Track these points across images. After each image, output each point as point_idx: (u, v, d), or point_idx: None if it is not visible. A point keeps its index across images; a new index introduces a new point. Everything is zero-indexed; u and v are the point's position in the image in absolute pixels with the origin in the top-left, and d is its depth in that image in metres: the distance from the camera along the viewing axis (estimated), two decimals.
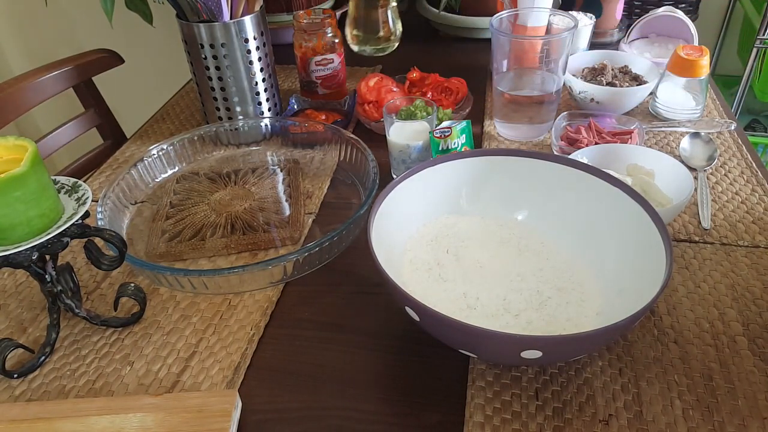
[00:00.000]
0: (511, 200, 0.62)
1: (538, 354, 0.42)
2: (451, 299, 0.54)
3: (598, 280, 0.55)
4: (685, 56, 0.80)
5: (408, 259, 0.58)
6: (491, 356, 0.49)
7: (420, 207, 0.61)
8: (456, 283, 0.56)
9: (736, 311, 0.55)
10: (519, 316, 0.52)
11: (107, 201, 0.68)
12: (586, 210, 0.58)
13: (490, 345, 0.45)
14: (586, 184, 0.57)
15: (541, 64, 0.77)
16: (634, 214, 0.52)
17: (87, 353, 0.55)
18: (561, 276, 0.56)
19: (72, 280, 0.57)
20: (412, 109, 0.74)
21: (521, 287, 0.55)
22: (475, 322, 0.45)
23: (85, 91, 1.02)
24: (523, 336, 0.42)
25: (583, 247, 0.58)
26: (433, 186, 0.61)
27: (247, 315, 0.58)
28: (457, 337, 0.46)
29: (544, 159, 0.60)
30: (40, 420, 0.47)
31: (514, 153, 0.61)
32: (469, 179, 0.62)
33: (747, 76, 1.47)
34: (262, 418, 0.49)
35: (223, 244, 0.66)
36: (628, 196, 0.54)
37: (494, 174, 0.62)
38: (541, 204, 0.61)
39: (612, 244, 0.55)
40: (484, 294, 0.54)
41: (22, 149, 0.48)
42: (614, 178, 0.56)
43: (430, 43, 1.19)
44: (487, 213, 0.63)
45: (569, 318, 0.51)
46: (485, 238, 0.61)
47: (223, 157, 0.83)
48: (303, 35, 0.88)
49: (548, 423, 0.46)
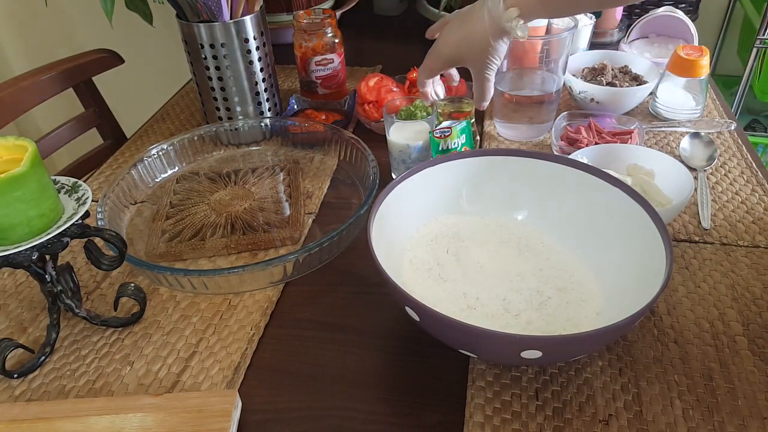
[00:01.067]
0: (511, 200, 0.62)
1: (538, 354, 0.42)
2: (451, 299, 0.54)
3: (598, 281, 0.55)
4: (685, 56, 0.80)
5: (408, 259, 0.58)
6: (491, 356, 0.49)
7: (420, 207, 0.61)
8: (456, 283, 0.55)
9: (736, 311, 0.55)
10: (519, 316, 0.52)
11: (107, 201, 0.68)
12: (586, 210, 0.58)
13: (490, 345, 0.45)
14: (586, 184, 0.57)
15: (541, 64, 0.77)
16: (635, 214, 0.52)
17: (87, 353, 0.55)
18: (561, 276, 0.56)
19: (72, 280, 0.57)
20: (412, 109, 0.74)
21: (521, 287, 0.55)
22: (475, 322, 0.45)
23: (85, 91, 1.02)
24: (523, 336, 0.42)
25: (583, 247, 0.58)
26: (432, 186, 0.61)
27: (247, 315, 0.58)
28: (458, 337, 0.46)
29: (544, 159, 0.60)
30: (40, 420, 0.47)
31: (514, 153, 0.61)
32: (469, 179, 0.62)
33: (747, 76, 1.47)
34: (262, 418, 0.49)
35: (223, 244, 0.66)
36: (628, 196, 0.54)
37: (494, 174, 0.62)
38: (541, 204, 0.61)
39: (612, 244, 0.55)
40: (484, 294, 0.54)
41: (22, 149, 0.48)
42: (614, 178, 0.56)
43: (430, 43, 1.19)
44: (487, 213, 0.63)
45: (569, 318, 0.51)
46: (485, 238, 0.61)
47: (223, 157, 0.83)
48: (303, 35, 0.88)
49: (548, 423, 0.46)
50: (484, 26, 0.62)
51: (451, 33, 0.67)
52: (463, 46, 0.65)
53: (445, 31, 0.68)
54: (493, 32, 0.61)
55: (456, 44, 0.66)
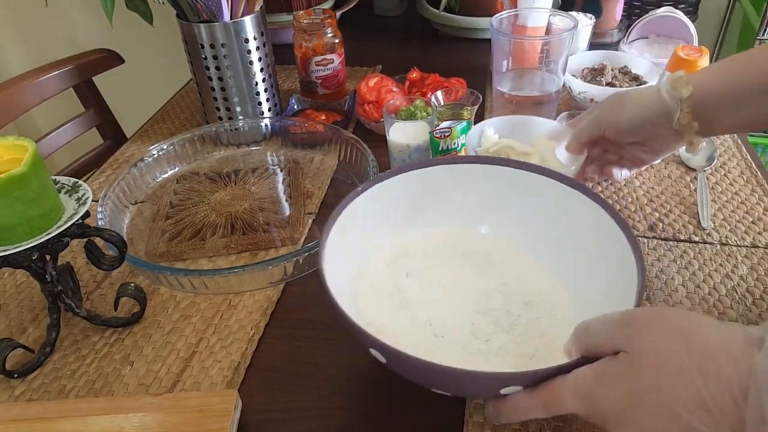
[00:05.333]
0: (469, 211, 0.58)
1: (519, 388, 0.39)
2: (415, 329, 0.50)
3: (566, 289, 0.52)
4: (684, 56, 0.80)
5: (366, 286, 0.53)
6: (468, 395, 0.47)
7: (374, 227, 0.55)
8: (419, 310, 0.51)
9: (737, 312, 0.55)
10: (489, 342, 0.48)
11: (107, 201, 0.68)
12: (544, 214, 0.55)
13: (467, 387, 0.42)
14: (542, 186, 0.54)
15: (541, 64, 0.77)
16: (596, 216, 0.50)
17: (87, 353, 0.55)
18: (527, 288, 0.53)
19: (72, 280, 0.57)
20: (412, 109, 0.74)
21: (488, 308, 0.51)
22: (442, 351, 0.43)
23: (85, 91, 1.02)
24: (502, 374, 0.39)
25: (547, 255, 0.55)
26: (386, 203, 0.55)
27: (247, 315, 0.58)
28: (428, 378, 0.42)
29: (497, 164, 0.56)
30: (40, 420, 0.47)
31: (465, 160, 0.57)
32: (424, 192, 0.57)
33: None
34: (262, 418, 0.49)
35: (223, 244, 0.66)
36: (588, 198, 0.51)
37: (449, 184, 0.57)
38: (500, 213, 0.58)
39: (576, 249, 0.52)
40: (449, 320, 0.50)
41: (22, 149, 0.48)
42: (572, 180, 0.53)
43: (430, 43, 1.19)
44: (446, 227, 0.59)
45: (542, 335, 0.48)
46: (446, 254, 0.57)
47: (223, 157, 0.83)
48: (303, 35, 0.88)
49: (548, 423, 0.46)
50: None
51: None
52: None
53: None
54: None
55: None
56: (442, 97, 0.77)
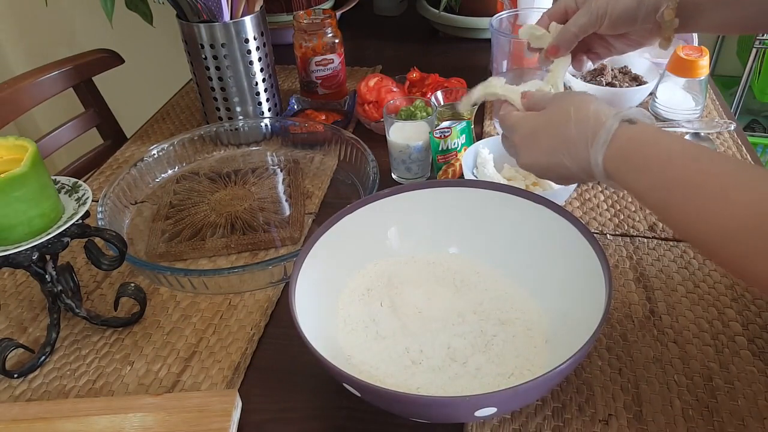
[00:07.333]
0: (439, 234, 0.59)
1: (493, 410, 0.40)
2: (392, 358, 0.50)
3: (541, 305, 0.53)
4: (684, 56, 0.80)
5: (341, 320, 0.53)
6: (446, 420, 0.47)
7: (345, 259, 0.56)
8: (396, 338, 0.51)
9: (736, 311, 0.55)
10: (467, 364, 0.48)
11: (107, 201, 0.68)
12: (513, 232, 0.56)
13: (439, 412, 0.43)
14: (509, 204, 0.55)
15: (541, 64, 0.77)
16: (564, 231, 0.51)
17: (87, 353, 0.55)
18: (502, 307, 0.53)
19: (72, 280, 0.57)
20: (412, 109, 0.74)
21: (464, 331, 0.51)
22: (421, 378, 0.43)
23: (85, 91, 1.02)
24: (468, 398, 0.39)
25: (519, 272, 0.55)
26: (356, 234, 0.56)
27: (247, 315, 0.58)
28: (402, 409, 0.44)
29: (465, 186, 0.57)
30: (40, 420, 0.47)
31: (432, 185, 0.58)
32: (393, 219, 0.58)
33: (746, 76, 1.47)
34: (262, 418, 0.49)
35: (223, 244, 0.66)
36: (556, 214, 0.52)
37: (418, 209, 0.58)
38: (470, 234, 0.58)
39: (546, 264, 0.53)
40: (426, 345, 0.50)
41: (22, 149, 0.48)
42: (538, 196, 0.54)
43: (430, 43, 1.19)
44: (417, 251, 0.59)
45: (518, 354, 0.49)
46: (419, 279, 0.57)
47: (223, 157, 0.83)
48: (303, 35, 0.88)
49: (548, 423, 0.46)
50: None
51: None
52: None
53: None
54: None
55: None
56: (442, 97, 0.77)
